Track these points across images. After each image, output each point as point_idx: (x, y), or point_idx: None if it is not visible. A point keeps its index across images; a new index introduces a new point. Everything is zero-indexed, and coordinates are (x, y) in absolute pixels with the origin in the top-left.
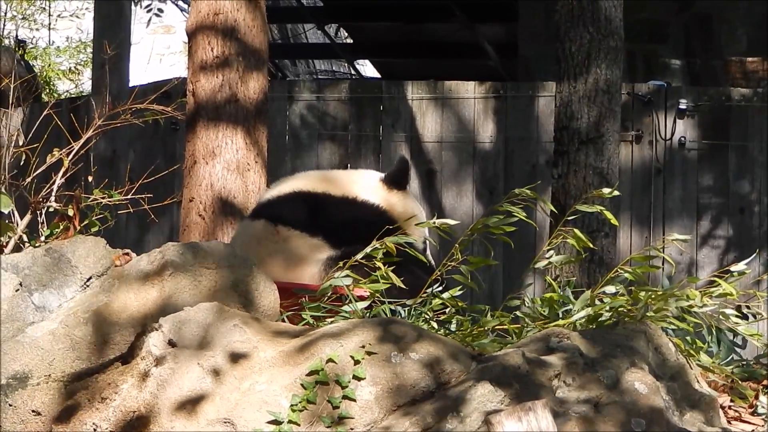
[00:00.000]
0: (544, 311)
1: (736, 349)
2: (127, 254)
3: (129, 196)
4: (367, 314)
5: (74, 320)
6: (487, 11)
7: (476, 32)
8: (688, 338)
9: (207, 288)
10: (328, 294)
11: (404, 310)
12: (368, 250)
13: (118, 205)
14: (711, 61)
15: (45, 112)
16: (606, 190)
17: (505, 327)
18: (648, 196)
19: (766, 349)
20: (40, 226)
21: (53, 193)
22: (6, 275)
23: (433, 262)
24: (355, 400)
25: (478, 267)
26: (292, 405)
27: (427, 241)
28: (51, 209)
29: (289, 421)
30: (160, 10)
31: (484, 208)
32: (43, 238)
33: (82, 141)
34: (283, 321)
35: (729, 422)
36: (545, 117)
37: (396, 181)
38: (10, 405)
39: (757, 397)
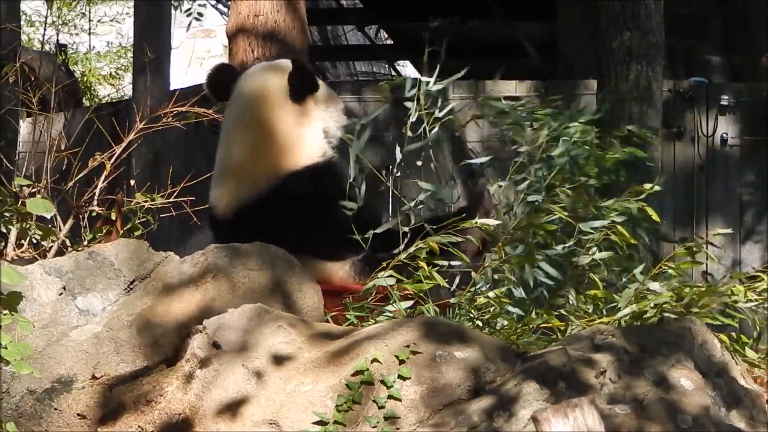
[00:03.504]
0: (588, 308)
1: None
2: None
3: (171, 200)
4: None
5: (118, 323)
6: (527, 10)
7: (516, 31)
8: (733, 334)
9: (250, 290)
10: (372, 294)
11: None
12: (412, 250)
13: (161, 209)
14: (751, 56)
15: (86, 117)
16: (647, 186)
17: (550, 325)
18: (690, 192)
19: None
20: (82, 230)
21: (95, 198)
22: (49, 279)
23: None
24: (400, 400)
25: (522, 265)
26: (337, 405)
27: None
28: (93, 213)
29: (335, 422)
30: (200, 14)
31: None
32: (85, 242)
33: (123, 145)
34: (327, 321)
35: None
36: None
37: (299, 91)
38: (55, 409)
39: None
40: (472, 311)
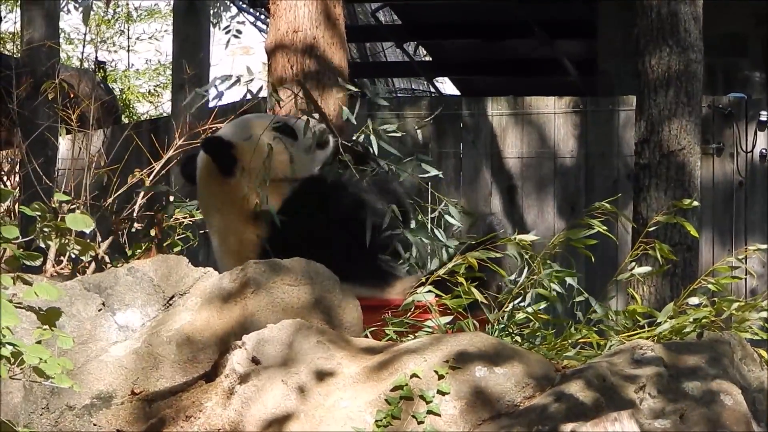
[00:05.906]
0: (627, 324)
1: None
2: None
3: None
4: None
5: (157, 339)
6: (566, 27)
7: (555, 48)
8: None
9: (289, 305)
10: (411, 309)
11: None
12: (451, 265)
13: (201, 224)
14: None
15: (125, 133)
16: (685, 201)
17: (589, 340)
18: (730, 209)
19: None
20: (122, 246)
21: (135, 214)
22: (89, 295)
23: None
24: (440, 415)
25: (561, 280)
26: (376, 421)
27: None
28: (133, 230)
29: None
30: (239, 31)
31: (566, 224)
32: (125, 259)
33: (162, 161)
34: (366, 337)
35: None
36: (626, 131)
37: (223, 168)
38: (95, 424)
39: None
40: (511, 326)
